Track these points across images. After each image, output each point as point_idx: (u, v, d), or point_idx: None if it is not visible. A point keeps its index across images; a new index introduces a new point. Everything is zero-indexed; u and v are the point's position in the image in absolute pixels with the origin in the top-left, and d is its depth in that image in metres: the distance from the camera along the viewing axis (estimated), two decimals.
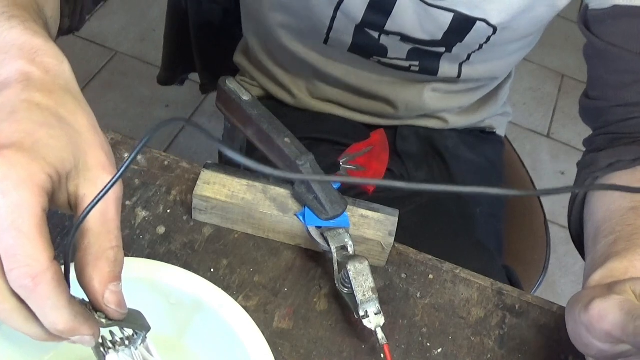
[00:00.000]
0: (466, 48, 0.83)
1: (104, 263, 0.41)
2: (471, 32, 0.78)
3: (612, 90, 0.72)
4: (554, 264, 1.05)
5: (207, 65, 1.11)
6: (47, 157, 0.39)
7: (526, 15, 0.76)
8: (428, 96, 0.92)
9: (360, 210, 0.64)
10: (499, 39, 0.80)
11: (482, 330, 0.63)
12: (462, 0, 0.75)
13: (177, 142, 1.83)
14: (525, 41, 0.85)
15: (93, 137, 0.43)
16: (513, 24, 0.77)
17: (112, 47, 1.96)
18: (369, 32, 0.82)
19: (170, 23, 1.08)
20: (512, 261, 1.01)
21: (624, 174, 0.67)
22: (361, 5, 0.77)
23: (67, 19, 0.64)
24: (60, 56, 0.45)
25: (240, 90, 0.64)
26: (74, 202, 0.42)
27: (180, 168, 0.68)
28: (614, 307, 0.48)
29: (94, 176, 0.42)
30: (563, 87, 2.17)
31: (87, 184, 0.41)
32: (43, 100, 0.42)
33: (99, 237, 0.41)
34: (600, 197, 0.68)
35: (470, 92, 0.95)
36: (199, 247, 0.64)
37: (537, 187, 1.16)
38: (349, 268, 0.57)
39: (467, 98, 0.96)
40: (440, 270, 0.67)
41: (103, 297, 0.41)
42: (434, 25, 0.78)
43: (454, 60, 0.86)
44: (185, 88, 1.26)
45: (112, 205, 0.42)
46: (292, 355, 0.59)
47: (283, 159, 0.63)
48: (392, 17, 0.78)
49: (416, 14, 0.77)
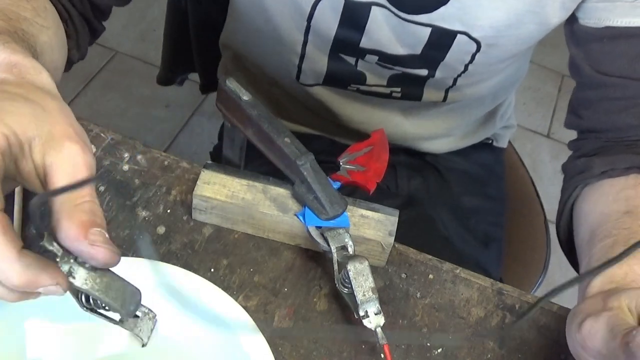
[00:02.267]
0: (450, 70, 0.78)
1: (79, 213, 0.40)
2: (453, 46, 0.74)
3: (604, 115, 0.71)
4: (554, 264, 1.05)
5: (207, 65, 1.10)
6: (5, 119, 0.39)
7: (513, 32, 0.72)
8: (411, 122, 0.89)
9: (360, 210, 0.64)
10: (485, 58, 0.75)
11: (482, 330, 0.63)
12: (441, 16, 0.70)
13: (177, 142, 1.83)
14: (513, 60, 0.81)
15: (61, 116, 0.43)
16: (499, 40, 0.73)
17: (112, 47, 1.96)
18: (344, 57, 0.78)
19: (170, 23, 1.08)
20: (512, 261, 1.01)
21: (616, 181, 0.67)
22: (332, 20, 0.73)
23: (74, 51, 0.65)
24: (38, 67, 0.45)
25: (240, 90, 0.64)
26: (42, 172, 0.41)
27: (180, 168, 0.68)
28: (603, 324, 0.49)
29: (58, 144, 0.41)
30: (563, 87, 2.17)
31: (53, 152, 0.41)
32: (13, 89, 0.42)
33: (69, 197, 0.40)
34: (593, 200, 0.68)
35: (463, 117, 0.93)
36: (199, 247, 0.64)
37: (537, 187, 1.16)
38: (349, 268, 0.57)
39: (453, 122, 0.93)
40: (440, 270, 0.67)
41: (87, 238, 0.39)
42: (412, 38, 0.74)
43: (440, 86, 0.82)
44: (185, 88, 1.25)
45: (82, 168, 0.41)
46: (292, 355, 0.59)
47: (283, 159, 0.63)
48: (366, 32, 0.74)
49: (391, 29, 0.73)
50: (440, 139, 0.95)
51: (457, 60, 0.76)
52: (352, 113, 0.88)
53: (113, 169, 0.67)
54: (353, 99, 0.87)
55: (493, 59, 0.77)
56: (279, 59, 0.82)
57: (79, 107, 1.83)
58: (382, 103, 0.87)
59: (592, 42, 0.69)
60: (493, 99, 0.93)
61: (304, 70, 0.82)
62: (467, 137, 0.98)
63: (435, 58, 0.76)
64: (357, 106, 0.88)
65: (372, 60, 0.78)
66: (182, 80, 1.18)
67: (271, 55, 0.83)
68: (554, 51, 2.21)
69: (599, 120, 0.72)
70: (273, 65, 0.86)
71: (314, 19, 0.74)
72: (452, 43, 0.73)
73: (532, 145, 2.02)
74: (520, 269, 1.01)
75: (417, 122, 0.91)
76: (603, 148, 0.71)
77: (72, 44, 0.64)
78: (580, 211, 0.69)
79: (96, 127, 0.69)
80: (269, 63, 0.86)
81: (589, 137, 0.73)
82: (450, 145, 0.97)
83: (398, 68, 0.79)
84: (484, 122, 0.98)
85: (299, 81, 0.84)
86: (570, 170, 0.73)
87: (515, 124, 1.07)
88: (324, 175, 0.62)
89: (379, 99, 0.86)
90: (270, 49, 0.82)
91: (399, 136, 0.91)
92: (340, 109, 0.88)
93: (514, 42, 0.74)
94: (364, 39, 0.75)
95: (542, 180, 1.91)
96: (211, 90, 1.16)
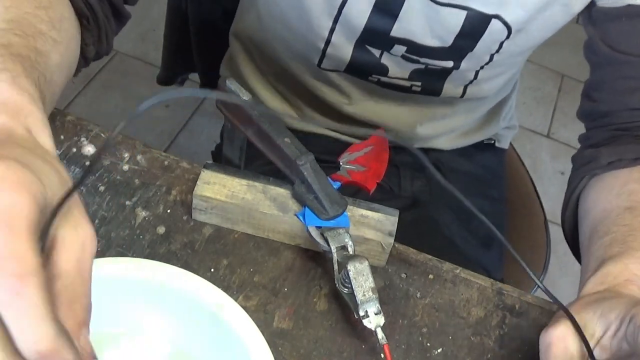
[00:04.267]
0: (476, 61, 0.78)
1: (79, 307, 0.37)
2: (485, 34, 0.73)
3: (618, 95, 0.71)
4: (554, 264, 1.05)
5: (207, 65, 1.10)
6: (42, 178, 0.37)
7: (542, 15, 0.72)
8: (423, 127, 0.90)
9: (360, 210, 0.64)
10: (512, 46, 0.76)
11: (482, 330, 0.63)
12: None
13: (177, 142, 1.83)
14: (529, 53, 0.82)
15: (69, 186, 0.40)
16: (528, 25, 0.73)
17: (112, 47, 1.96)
18: (369, 49, 0.78)
19: (170, 23, 1.08)
20: (512, 261, 1.01)
21: (621, 173, 0.67)
22: (366, 7, 0.73)
23: (92, 47, 0.64)
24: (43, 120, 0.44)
25: (240, 90, 0.64)
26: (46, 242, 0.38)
27: (180, 168, 0.68)
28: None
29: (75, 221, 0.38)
30: (563, 87, 2.17)
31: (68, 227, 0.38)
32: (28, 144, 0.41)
33: (74, 282, 0.37)
34: (596, 195, 0.68)
35: (469, 113, 0.93)
36: (199, 247, 0.64)
37: (537, 187, 1.16)
38: (349, 268, 0.57)
39: (463, 121, 0.94)
40: (440, 270, 0.67)
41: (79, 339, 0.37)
42: (445, 28, 0.73)
43: (460, 81, 0.82)
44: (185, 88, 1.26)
45: (88, 256, 0.38)
46: (292, 355, 0.59)
47: (283, 159, 0.63)
48: (399, 20, 0.73)
49: (425, 16, 0.72)
50: (445, 135, 0.95)
51: (486, 50, 0.76)
52: (366, 103, 0.88)
53: (113, 169, 0.67)
54: (370, 92, 0.86)
55: (518, 49, 0.77)
56: (304, 43, 0.81)
57: (79, 107, 1.83)
58: (398, 99, 0.87)
59: (610, 22, 0.69)
60: (495, 95, 0.93)
61: (328, 55, 0.81)
62: (469, 135, 0.98)
63: (465, 49, 0.76)
64: (374, 99, 0.87)
65: (399, 53, 0.78)
66: (182, 80, 1.18)
67: (295, 41, 0.82)
68: (554, 51, 2.21)
69: (612, 101, 0.72)
70: (294, 51, 0.85)
71: (347, 5, 0.73)
72: (485, 30, 0.73)
73: (532, 145, 2.02)
74: (520, 269, 1.01)
75: (428, 125, 0.91)
76: (612, 138, 0.71)
77: (90, 39, 0.63)
78: (584, 204, 0.69)
79: (96, 127, 0.69)
80: (290, 49, 0.85)
81: (599, 124, 0.73)
82: (452, 142, 0.97)
83: (424, 60, 0.78)
84: (486, 120, 0.98)
85: (320, 67, 0.83)
86: (578, 161, 0.73)
87: (517, 125, 1.07)
88: (324, 175, 0.62)
89: (396, 95, 0.85)
90: (296, 34, 0.81)
91: (407, 134, 0.91)
92: (356, 95, 0.87)
93: (540, 27, 0.74)
94: (395, 26, 0.74)
95: (542, 180, 1.91)
96: None
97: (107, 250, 0.61)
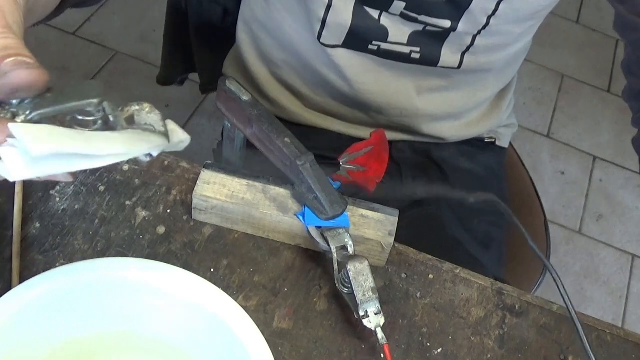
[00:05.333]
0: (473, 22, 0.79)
1: None
2: None
3: None
4: (554, 264, 1.04)
5: (207, 65, 1.10)
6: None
7: None
8: (422, 98, 0.90)
9: (360, 210, 0.64)
10: (509, 9, 0.76)
11: (482, 330, 0.63)
12: None
13: None
14: (526, 27, 0.82)
15: None
16: None
17: (112, 47, 1.96)
18: (368, 10, 0.79)
19: (170, 23, 1.08)
20: (512, 261, 1.01)
21: None
22: None
23: None
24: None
25: (240, 90, 0.64)
26: None
27: (180, 168, 0.68)
28: None
29: None
30: (563, 87, 2.17)
31: None
32: None
33: None
34: None
35: (468, 91, 0.93)
36: (199, 247, 0.64)
37: (537, 187, 1.16)
38: (349, 268, 0.57)
39: (463, 101, 0.94)
40: (440, 270, 0.67)
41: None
42: None
43: (457, 46, 0.83)
44: (185, 88, 1.25)
45: None
46: (292, 355, 0.59)
47: (283, 159, 0.63)
48: None
49: None
50: (447, 120, 0.95)
51: (482, 9, 0.77)
52: (366, 82, 0.89)
53: (113, 169, 0.67)
54: (370, 68, 0.87)
55: (513, 14, 0.78)
56: (305, 12, 0.82)
57: None
58: (398, 73, 0.87)
59: None
60: (496, 80, 0.94)
61: (328, 24, 0.82)
62: (471, 126, 0.98)
63: (461, 4, 0.77)
64: (373, 76, 0.88)
65: (397, 11, 0.78)
66: (182, 80, 1.18)
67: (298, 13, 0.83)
68: (554, 51, 2.21)
69: None
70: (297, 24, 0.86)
71: None
72: None
73: (532, 145, 2.02)
74: (520, 269, 1.01)
75: (427, 98, 0.91)
76: None
77: None
78: None
79: None
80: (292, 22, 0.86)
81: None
82: (454, 131, 0.97)
83: (422, 19, 0.79)
84: (487, 112, 0.98)
85: (320, 41, 0.84)
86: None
87: (516, 124, 1.07)
88: (324, 175, 0.62)
89: (395, 67, 0.86)
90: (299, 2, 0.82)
91: (409, 112, 0.91)
92: (355, 76, 0.88)
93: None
94: None
95: (542, 180, 1.91)
96: (211, 90, 1.16)
97: (107, 250, 0.61)
